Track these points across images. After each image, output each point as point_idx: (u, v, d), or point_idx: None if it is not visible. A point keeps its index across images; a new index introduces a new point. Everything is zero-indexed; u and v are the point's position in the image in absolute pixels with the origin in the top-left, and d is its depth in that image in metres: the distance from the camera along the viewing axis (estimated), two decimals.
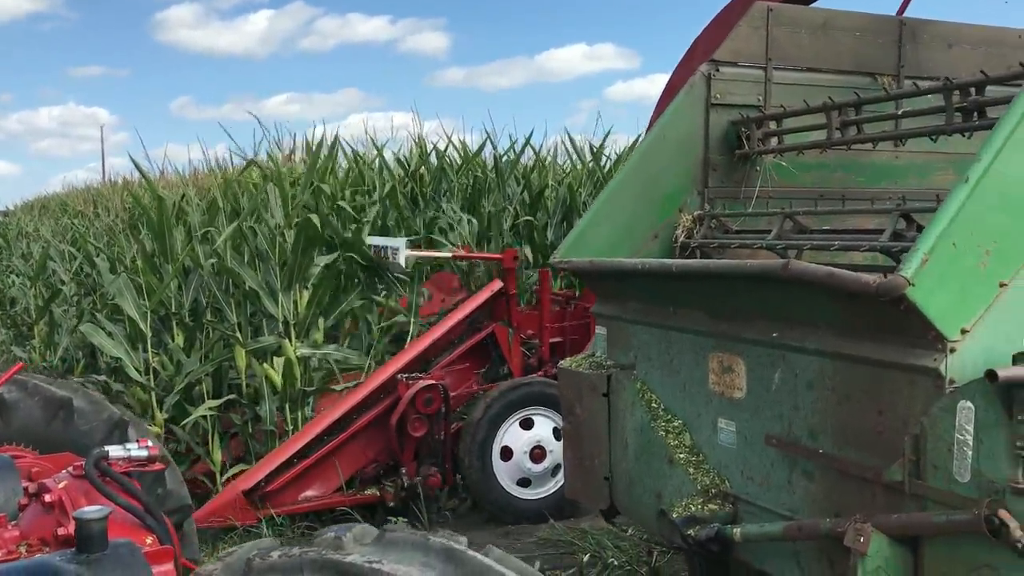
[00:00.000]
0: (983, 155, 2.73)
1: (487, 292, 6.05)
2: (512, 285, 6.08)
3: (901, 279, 2.64)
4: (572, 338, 6.15)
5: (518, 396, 5.72)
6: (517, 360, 6.00)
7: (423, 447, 5.54)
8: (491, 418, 5.63)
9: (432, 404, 5.37)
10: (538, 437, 5.79)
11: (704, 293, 3.70)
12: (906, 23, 4.96)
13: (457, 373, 5.91)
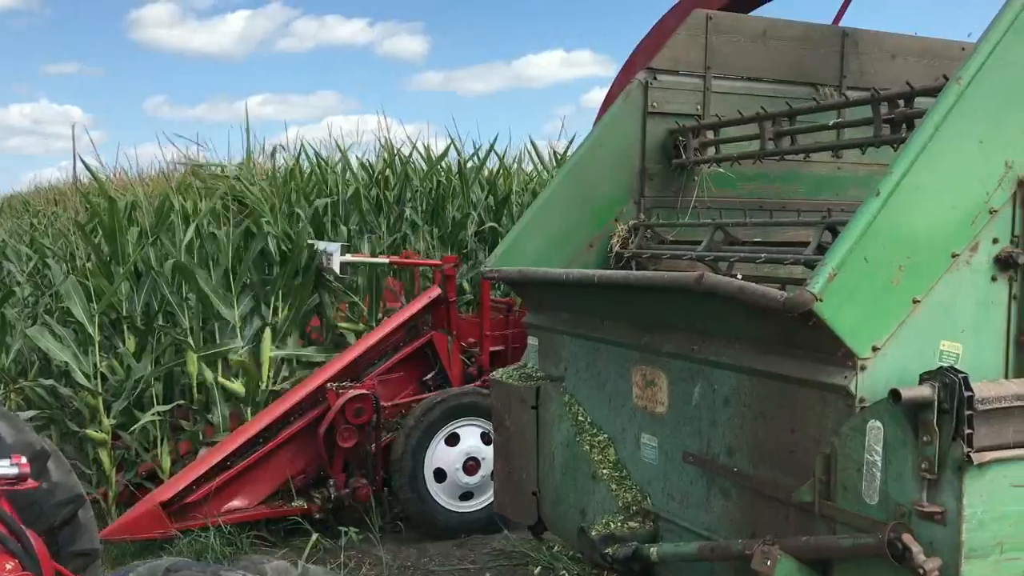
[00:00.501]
0: (895, 168, 2.66)
1: (424, 299, 5.92)
2: (452, 292, 5.97)
3: (808, 295, 2.57)
4: (514, 347, 6.04)
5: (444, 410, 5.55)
6: (457, 369, 5.88)
7: (353, 458, 5.42)
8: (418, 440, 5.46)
9: (363, 414, 5.23)
10: (468, 450, 5.66)
11: (627, 305, 3.62)
12: (848, 34, 4.92)
13: (393, 382, 5.77)
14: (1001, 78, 2.76)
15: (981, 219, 2.78)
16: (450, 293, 5.90)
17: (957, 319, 2.78)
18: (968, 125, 2.73)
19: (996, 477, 2.42)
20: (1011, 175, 2.81)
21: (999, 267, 2.82)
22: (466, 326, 6.09)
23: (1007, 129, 2.80)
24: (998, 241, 2.81)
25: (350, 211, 10.77)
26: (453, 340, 5.85)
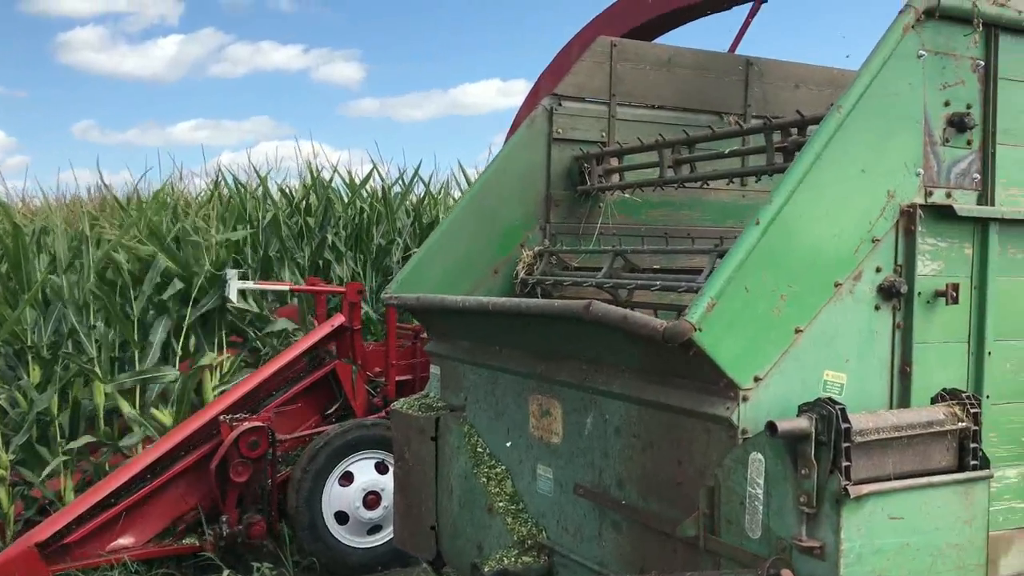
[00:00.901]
0: (775, 197, 2.64)
1: (326, 327, 5.75)
2: (357, 320, 5.81)
3: (687, 324, 2.52)
4: (423, 376, 5.90)
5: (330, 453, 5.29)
6: (361, 399, 5.70)
7: (248, 493, 5.20)
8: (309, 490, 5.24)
9: (257, 447, 5.03)
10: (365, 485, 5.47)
11: (522, 333, 3.55)
12: (752, 63, 4.96)
13: (293, 413, 5.57)
14: (881, 107, 2.77)
15: (864, 248, 2.77)
16: (355, 321, 5.73)
17: (841, 349, 2.76)
18: (849, 154, 2.73)
19: (874, 510, 2.39)
20: (893, 204, 2.81)
21: (882, 296, 2.81)
22: (372, 355, 5.92)
23: (889, 158, 2.81)
24: (881, 270, 2.81)
25: (270, 238, 10.58)
26: (358, 370, 5.67)
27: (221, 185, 12.26)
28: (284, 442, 5.40)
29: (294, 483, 5.32)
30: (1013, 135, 3.03)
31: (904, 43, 2.78)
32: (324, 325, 5.76)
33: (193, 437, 5.19)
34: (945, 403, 2.64)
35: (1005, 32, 2.98)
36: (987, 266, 2.97)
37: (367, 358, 5.82)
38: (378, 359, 5.87)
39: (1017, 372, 3.09)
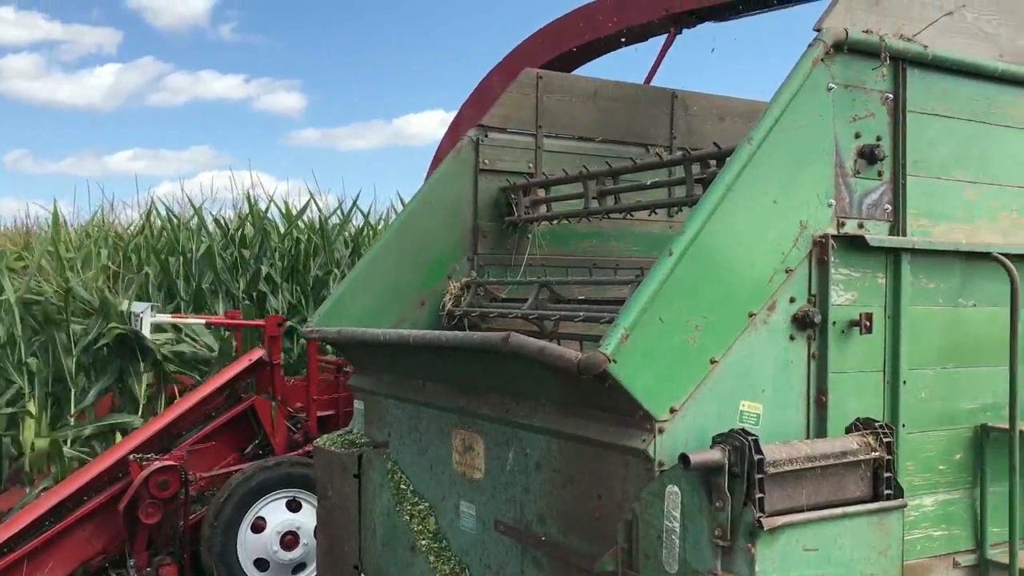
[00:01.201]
0: (687, 228, 2.64)
1: (244, 362, 5.59)
2: (277, 354, 5.67)
3: (601, 356, 2.49)
4: (346, 411, 5.77)
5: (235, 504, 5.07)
6: (281, 436, 5.53)
7: (159, 535, 4.98)
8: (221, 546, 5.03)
9: (168, 487, 4.84)
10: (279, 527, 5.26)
11: (444, 366, 3.49)
12: (677, 95, 5.02)
13: (208, 451, 5.39)
14: (792, 139, 2.80)
15: (777, 278, 2.78)
16: (275, 355, 5.58)
17: (757, 379, 2.75)
18: (761, 185, 2.75)
19: (789, 542, 2.37)
20: (806, 235, 2.83)
21: (797, 326, 2.82)
22: (293, 390, 5.75)
23: (801, 189, 2.83)
24: (795, 300, 2.82)
25: (203, 270, 10.37)
26: (278, 406, 5.51)
27: (153, 216, 12.03)
28: (198, 481, 5.21)
29: (204, 540, 5.12)
30: (923, 166, 3.09)
31: (814, 76, 2.82)
32: (242, 359, 5.60)
33: (101, 478, 4.98)
34: (859, 433, 2.64)
35: (913, 65, 3.04)
36: (900, 296, 3.00)
37: (288, 393, 5.65)
38: (299, 394, 5.70)
39: (932, 400, 3.12)
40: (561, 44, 4.93)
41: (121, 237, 11.75)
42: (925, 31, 3.06)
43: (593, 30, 4.81)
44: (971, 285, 3.21)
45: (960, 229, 3.18)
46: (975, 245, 3.16)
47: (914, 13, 3.06)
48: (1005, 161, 3.31)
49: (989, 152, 3.26)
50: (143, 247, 11.05)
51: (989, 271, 3.19)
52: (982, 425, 3.22)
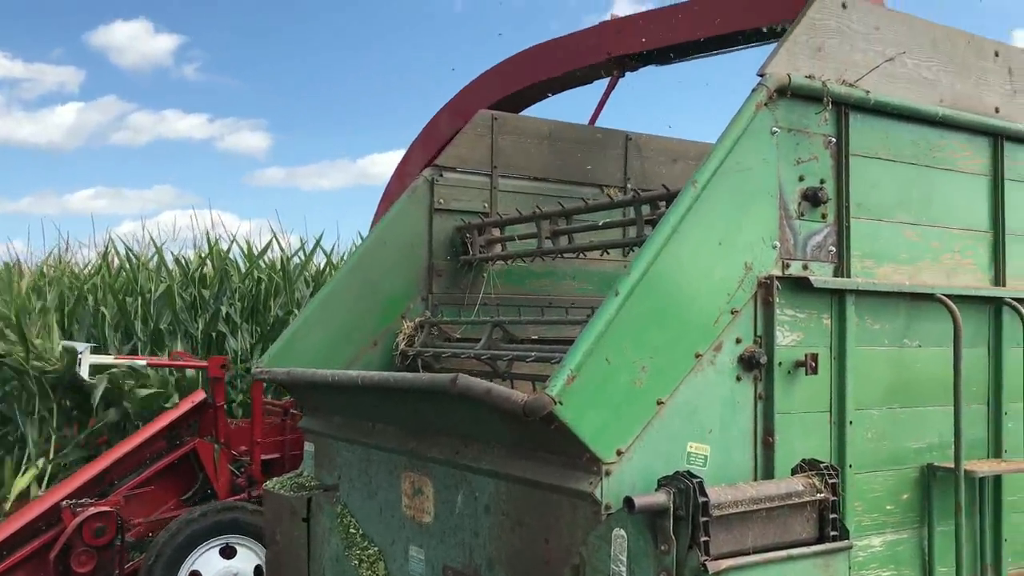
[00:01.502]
0: (634, 268, 2.65)
1: (186, 404, 5.43)
2: (220, 396, 5.54)
3: (546, 398, 2.47)
4: (293, 453, 5.65)
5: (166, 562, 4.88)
6: (224, 480, 5.37)
7: None
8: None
9: (103, 534, 4.67)
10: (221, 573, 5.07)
11: (394, 408, 3.45)
12: (631, 138, 5.07)
13: (147, 497, 5.22)
14: (736, 182, 2.83)
15: (724, 319, 2.79)
16: (218, 397, 5.45)
17: (704, 420, 2.75)
18: (706, 227, 2.77)
19: None
20: (751, 276, 2.85)
21: (743, 367, 2.83)
22: (237, 433, 5.56)
23: (745, 231, 2.85)
24: (741, 341, 2.83)
25: (162, 310, 10.23)
26: (220, 449, 5.36)
27: (111, 256, 11.88)
28: (139, 526, 5.04)
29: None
30: (866, 209, 3.14)
31: (757, 120, 2.86)
32: (184, 402, 5.45)
33: (32, 525, 4.80)
34: (805, 474, 2.65)
35: (855, 110, 3.10)
36: (845, 336, 3.03)
37: (231, 436, 5.50)
38: (243, 437, 5.56)
39: (879, 441, 3.14)
40: (508, 85, 4.98)
41: (77, 277, 11.57)
42: (867, 77, 3.13)
43: (539, 72, 4.86)
44: (916, 326, 3.25)
45: (903, 270, 3.23)
46: (918, 286, 3.21)
47: (856, 59, 3.13)
48: (946, 204, 3.37)
49: (931, 195, 3.33)
50: (100, 287, 10.88)
51: (933, 312, 3.23)
52: (929, 465, 3.25)
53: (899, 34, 3.26)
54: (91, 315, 10.04)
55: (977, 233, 3.47)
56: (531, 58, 4.93)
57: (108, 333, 9.87)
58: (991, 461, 3.34)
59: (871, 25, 3.18)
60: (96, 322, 9.98)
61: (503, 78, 5.00)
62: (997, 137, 3.51)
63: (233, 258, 11.90)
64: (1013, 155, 3.57)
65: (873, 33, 3.19)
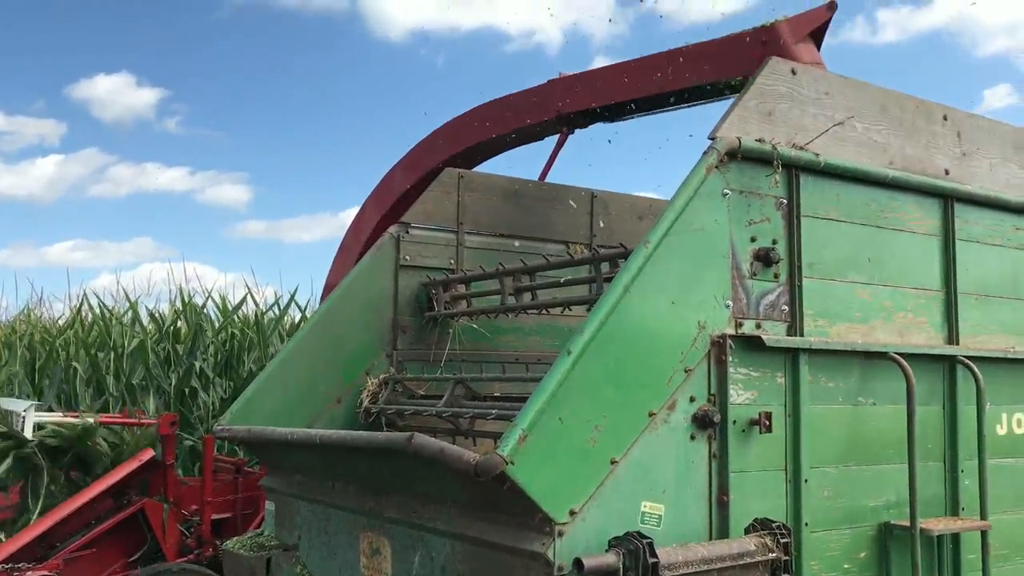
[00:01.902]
0: (586, 327, 2.67)
1: (134, 463, 5.19)
2: (170, 454, 5.42)
3: (498, 458, 2.47)
4: (245, 512, 5.47)
5: None
6: (173, 541, 5.19)
7: None
8: None
9: None
10: None
11: (352, 467, 3.43)
12: (597, 196, 5.15)
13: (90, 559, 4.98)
14: (689, 242, 2.87)
15: (677, 377, 2.82)
16: (167, 455, 5.34)
17: (658, 479, 2.76)
18: (659, 286, 2.80)
19: None
20: (704, 335, 2.88)
21: (697, 425, 2.84)
22: (188, 492, 5.43)
23: (698, 290, 2.89)
24: (695, 400, 2.85)
25: (135, 365, 10.16)
26: (169, 508, 5.22)
27: (85, 311, 11.82)
28: None
29: None
30: (818, 268, 3.19)
31: (708, 182, 2.92)
32: (131, 460, 5.32)
33: None
34: (757, 533, 2.65)
35: (805, 172, 3.18)
36: (799, 395, 3.06)
37: (182, 495, 5.37)
38: (195, 496, 5.45)
39: (835, 499, 3.15)
40: (460, 142, 5.02)
41: (49, 331, 11.49)
42: (817, 140, 3.21)
43: (489, 129, 4.91)
44: (870, 384, 3.28)
45: (857, 329, 3.27)
46: (871, 345, 3.25)
47: (806, 123, 3.21)
48: (899, 264, 3.44)
49: (883, 255, 3.39)
50: (72, 342, 10.81)
51: (887, 370, 3.27)
52: (886, 523, 3.25)
53: (849, 99, 3.35)
54: (63, 370, 9.96)
55: (930, 292, 3.53)
56: (482, 115, 4.98)
57: (80, 388, 9.78)
58: (947, 519, 3.36)
59: (821, 91, 3.28)
60: (68, 377, 9.91)
61: (455, 134, 5.05)
62: (947, 199, 3.60)
63: (208, 313, 11.87)
64: (964, 216, 3.65)
65: (823, 98, 3.28)
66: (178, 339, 10.93)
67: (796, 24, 3.55)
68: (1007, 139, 3.90)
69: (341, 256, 5.43)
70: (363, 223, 5.32)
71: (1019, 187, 3.89)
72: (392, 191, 5.22)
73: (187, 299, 11.71)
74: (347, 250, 5.40)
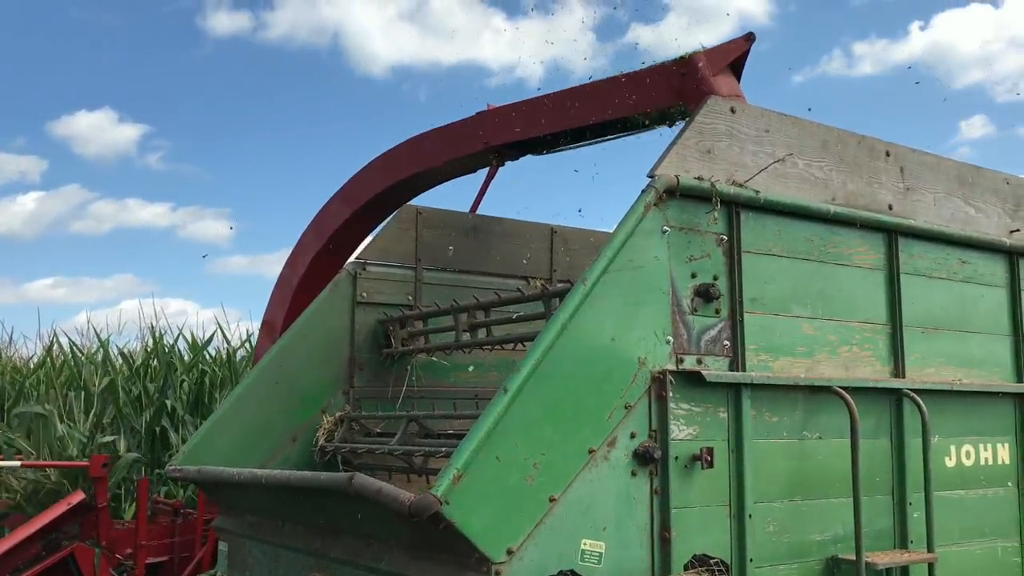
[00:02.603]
0: (523, 365, 2.68)
1: (62, 506, 5.07)
2: (102, 496, 5.20)
3: (432, 498, 2.46)
4: (183, 555, 5.34)
5: None
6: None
7: None
8: None
9: None
10: None
11: (301, 507, 3.40)
12: (556, 231, 5.18)
13: None
14: (628, 279, 2.90)
15: (617, 414, 2.82)
16: (100, 498, 5.21)
17: (598, 516, 2.75)
18: (598, 323, 2.82)
19: None
20: (644, 371, 2.90)
21: (638, 462, 2.85)
22: (123, 535, 5.30)
23: (638, 327, 2.91)
24: (636, 435, 2.86)
25: (106, 404, 10.07)
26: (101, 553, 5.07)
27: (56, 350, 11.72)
28: None
29: None
30: (760, 303, 3.22)
31: (647, 220, 2.95)
32: (59, 504, 5.18)
33: None
34: (695, 570, 2.65)
35: (745, 209, 3.21)
36: (742, 429, 3.07)
37: (116, 539, 5.24)
38: (129, 539, 5.32)
39: (780, 534, 3.15)
40: (393, 174, 4.94)
41: (19, 371, 11.38)
42: (757, 176, 3.25)
43: (420, 162, 4.85)
44: (815, 418, 3.30)
45: (801, 363, 3.29)
46: (815, 379, 3.27)
47: (746, 160, 3.26)
48: (844, 298, 3.47)
49: (827, 289, 3.43)
50: (43, 381, 10.71)
51: (832, 404, 3.29)
52: (833, 557, 3.26)
53: (789, 135, 3.40)
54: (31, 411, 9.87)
55: (876, 326, 3.57)
56: (413, 147, 4.89)
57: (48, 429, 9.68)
58: (894, 552, 3.36)
59: (761, 128, 3.33)
60: (36, 418, 9.81)
61: (388, 167, 4.97)
62: (891, 233, 3.65)
63: (179, 350, 11.79)
64: (908, 250, 3.70)
65: (763, 136, 3.33)
66: (151, 378, 10.85)
67: (713, 56, 3.58)
68: (952, 174, 3.97)
69: (279, 291, 5.33)
70: (299, 256, 5.25)
71: (964, 221, 3.95)
72: (329, 224, 5.14)
73: (158, 337, 11.65)
74: (285, 284, 5.31)
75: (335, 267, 4.72)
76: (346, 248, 5.16)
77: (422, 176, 4.90)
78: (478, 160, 4.74)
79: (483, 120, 4.62)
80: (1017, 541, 3.88)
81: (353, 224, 5.15)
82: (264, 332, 5.48)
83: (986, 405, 3.85)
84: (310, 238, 5.25)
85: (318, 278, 5.11)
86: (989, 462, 3.84)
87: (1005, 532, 3.85)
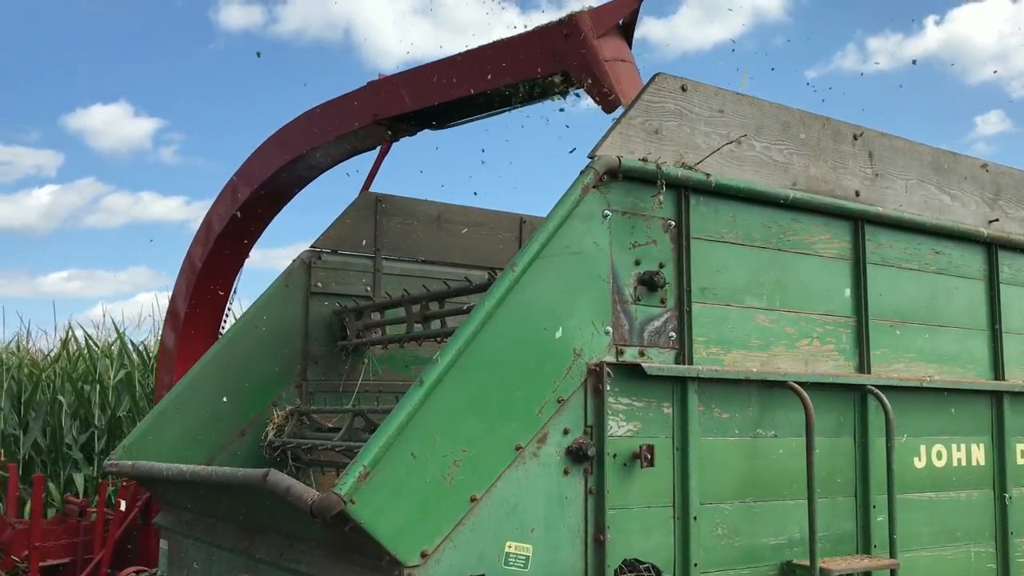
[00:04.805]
0: (443, 356, 2.51)
1: None
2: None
3: (335, 497, 2.30)
4: (87, 558, 5.07)
5: None
6: None
7: None
8: None
9: None
10: None
11: (231, 504, 3.25)
12: (525, 220, 5.01)
13: None
14: (563, 266, 2.72)
15: (548, 409, 2.65)
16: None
17: (525, 517, 2.58)
18: (527, 312, 2.65)
19: None
20: (580, 363, 2.72)
21: (572, 459, 2.68)
22: (18, 536, 5.03)
23: (574, 316, 2.73)
24: (569, 431, 2.68)
25: (121, 397, 9.97)
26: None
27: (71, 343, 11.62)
28: None
29: None
30: (712, 293, 3.03)
31: (585, 203, 2.77)
32: None
33: None
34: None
35: (695, 193, 3.03)
36: (688, 426, 2.89)
37: (11, 540, 4.99)
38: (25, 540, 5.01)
39: (730, 537, 2.97)
40: (287, 152, 4.68)
41: (36, 364, 11.29)
42: (709, 159, 3.07)
43: (312, 138, 4.58)
44: (771, 415, 3.12)
45: (755, 357, 3.11)
46: (769, 373, 3.09)
47: (698, 142, 3.07)
48: (804, 288, 3.28)
49: (785, 279, 3.24)
50: (59, 374, 10.61)
51: (788, 400, 3.11)
52: (787, 562, 3.08)
53: (746, 117, 3.21)
54: (48, 403, 9.76)
55: (839, 319, 3.38)
56: (304, 123, 4.61)
57: (66, 421, 9.59)
58: (851, 558, 3.17)
59: (715, 108, 3.14)
60: (53, 411, 9.71)
61: (282, 145, 4.70)
62: (857, 220, 3.45)
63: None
64: (876, 239, 3.50)
65: (717, 116, 3.14)
66: None
67: (599, 16, 3.36)
68: (926, 160, 3.77)
69: (182, 279, 5.10)
70: (203, 241, 5.03)
71: (938, 209, 3.75)
72: (232, 203, 4.91)
73: None
74: (187, 271, 5.10)
75: (240, 253, 4.53)
76: (250, 231, 4.96)
77: (316, 153, 4.60)
78: (372, 135, 4.43)
79: (372, 91, 4.33)
80: (992, 546, 3.69)
81: (254, 205, 4.89)
82: (169, 323, 5.28)
83: (960, 403, 3.65)
84: (214, 218, 5.02)
85: (222, 264, 4.94)
86: (963, 463, 3.65)
87: (979, 537, 3.66)
